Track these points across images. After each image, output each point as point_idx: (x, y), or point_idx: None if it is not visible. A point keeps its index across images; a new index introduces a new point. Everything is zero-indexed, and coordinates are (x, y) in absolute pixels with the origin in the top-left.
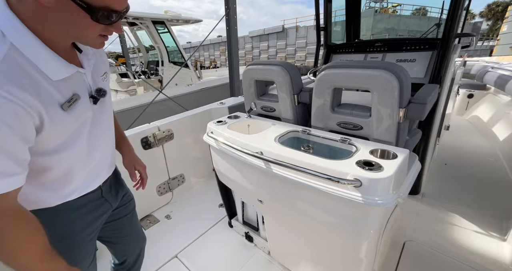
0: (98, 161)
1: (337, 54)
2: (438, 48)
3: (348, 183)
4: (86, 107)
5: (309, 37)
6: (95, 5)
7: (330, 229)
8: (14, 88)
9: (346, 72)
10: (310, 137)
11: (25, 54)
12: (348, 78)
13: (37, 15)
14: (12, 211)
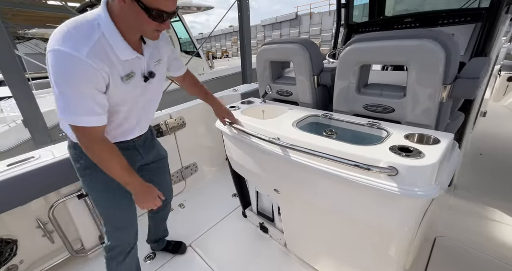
0: (136, 121)
1: (359, 33)
2: (483, 19)
3: (381, 171)
4: (138, 82)
5: (323, 24)
6: (150, 6)
7: (356, 222)
8: (97, 60)
9: (378, 45)
10: (332, 122)
11: (109, 40)
12: (380, 52)
13: (120, 12)
14: (100, 138)
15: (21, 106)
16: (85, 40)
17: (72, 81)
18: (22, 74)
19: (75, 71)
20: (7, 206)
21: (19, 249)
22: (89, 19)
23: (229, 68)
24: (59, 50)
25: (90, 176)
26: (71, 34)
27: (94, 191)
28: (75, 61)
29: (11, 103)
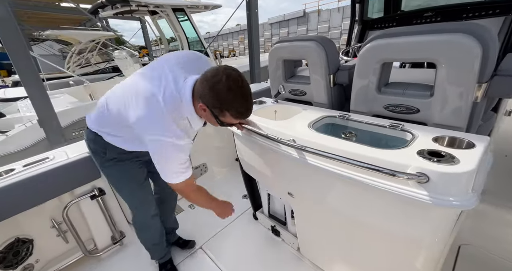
0: None
1: (374, 30)
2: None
3: (409, 177)
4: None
5: (332, 21)
6: (222, 121)
7: (378, 231)
8: (187, 138)
9: (403, 41)
10: (350, 123)
11: (190, 122)
12: (405, 48)
13: (200, 112)
14: (195, 186)
15: (36, 106)
16: (179, 135)
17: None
18: (37, 75)
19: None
20: (24, 206)
21: (35, 249)
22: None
23: (237, 67)
24: (162, 140)
25: (110, 167)
26: (170, 126)
27: (115, 179)
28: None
29: (27, 103)
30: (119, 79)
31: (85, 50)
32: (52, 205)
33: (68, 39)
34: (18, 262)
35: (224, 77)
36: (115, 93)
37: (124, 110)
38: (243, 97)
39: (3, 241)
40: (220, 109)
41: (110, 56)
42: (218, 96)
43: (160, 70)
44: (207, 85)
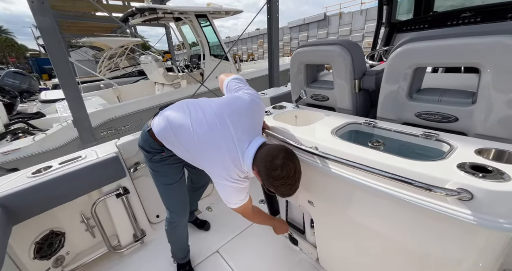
0: None
1: (402, 32)
2: None
3: (448, 193)
4: None
5: (354, 24)
6: (268, 190)
7: (406, 248)
8: (247, 182)
9: (441, 44)
10: (377, 131)
11: (249, 174)
12: (443, 52)
13: (255, 172)
14: (253, 209)
15: (71, 108)
16: (239, 180)
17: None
18: (74, 79)
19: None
20: (59, 201)
21: (66, 241)
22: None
23: (255, 71)
24: (226, 184)
25: (159, 163)
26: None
27: (161, 174)
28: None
29: (64, 104)
30: (144, 82)
31: (115, 55)
32: (82, 201)
33: (100, 45)
34: (52, 253)
35: (279, 165)
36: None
37: (196, 153)
38: (290, 186)
39: (40, 233)
40: (268, 185)
41: (137, 61)
42: (269, 178)
43: (227, 131)
44: (264, 166)
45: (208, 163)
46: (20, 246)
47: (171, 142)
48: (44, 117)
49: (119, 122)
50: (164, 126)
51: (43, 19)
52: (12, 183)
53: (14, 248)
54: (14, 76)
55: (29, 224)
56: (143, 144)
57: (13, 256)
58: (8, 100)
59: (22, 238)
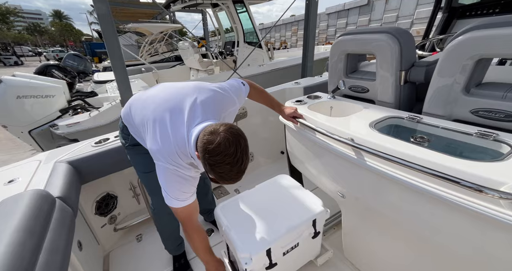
0: None
1: (465, 18)
2: None
3: (502, 196)
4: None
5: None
6: (212, 179)
7: (441, 250)
8: (194, 171)
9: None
10: (421, 127)
11: (195, 162)
12: None
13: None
14: (196, 224)
15: (120, 89)
16: (183, 165)
17: (176, 185)
18: (123, 62)
19: (179, 180)
20: (114, 169)
21: (118, 204)
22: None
23: (288, 60)
24: (167, 167)
25: (131, 152)
26: (176, 159)
27: (134, 163)
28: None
29: (113, 85)
30: (180, 68)
31: (155, 40)
32: (131, 172)
33: (143, 31)
34: (108, 212)
35: (217, 139)
36: (141, 105)
37: (143, 130)
38: (230, 166)
39: (99, 193)
40: (205, 167)
41: (174, 46)
42: (205, 156)
43: (180, 105)
44: (201, 141)
45: (150, 140)
46: (86, 203)
47: (130, 123)
48: (96, 96)
49: None
50: (126, 106)
51: (101, 6)
52: (81, 150)
53: (81, 203)
54: (73, 58)
55: (92, 186)
56: (120, 132)
57: (81, 209)
58: (69, 79)
59: (87, 196)
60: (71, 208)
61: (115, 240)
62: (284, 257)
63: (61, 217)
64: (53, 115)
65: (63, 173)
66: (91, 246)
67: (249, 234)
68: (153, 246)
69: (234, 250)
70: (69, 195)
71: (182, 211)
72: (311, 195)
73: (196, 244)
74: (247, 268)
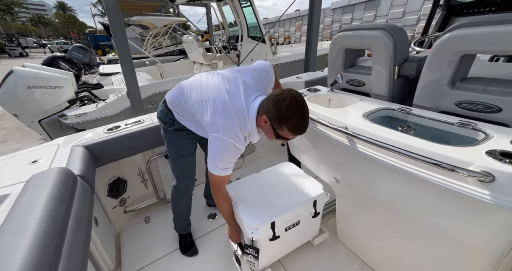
0: None
1: (463, 16)
2: None
3: (470, 174)
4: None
5: (409, 5)
6: (279, 134)
7: (426, 227)
8: (242, 145)
9: (494, 31)
10: (410, 117)
11: (250, 134)
12: (496, 39)
13: (261, 124)
14: (226, 191)
15: (127, 81)
16: (240, 139)
17: (226, 157)
18: (130, 55)
19: (230, 153)
20: (124, 154)
21: (127, 188)
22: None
23: (291, 55)
24: (225, 139)
25: (172, 134)
26: (236, 132)
27: (172, 145)
28: (233, 148)
29: (118, 77)
30: (184, 61)
31: (159, 34)
32: (140, 158)
33: (147, 24)
34: (118, 194)
35: (288, 97)
36: (198, 89)
37: (201, 109)
38: (302, 116)
39: (111, 177)
40: (280, 122)
41: (178, 40)
42: (280, 111)
43: (235, 86)
44: (273, 101)
45: (210, 116)
46: (99, 184)
47: (180, 107)
48: (102, 88)
49: (162, 97)
50: (175, 92)
51: None
52: (95, 136)
53: (96, 185)
54: (79, 50)
55: (105, 169)
56: (160, 115)
57: (95, 190)
58: (76, 71)
59: (101, 178)
60: (90, 186)
61: (125, 221)
62: (286, 232)
63: (82, 193)
64: (62, 105)
65: (80, 155)
66: (105, 223)
67: (255, 209)
68: (160, 227)
69: (241, 223)
70: (88, 174)
71: (221, 180)
72: (312, 180)
73: (224, 207)
74: (253, 237)
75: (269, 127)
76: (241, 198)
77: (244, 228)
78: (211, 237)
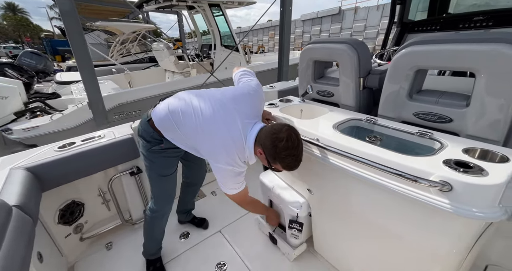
0: None
1: (414, 33)
2: None
3: (431, 184)
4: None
5: (369, 20)
6: (272, 166)
7: (394, 235)
8: (244, 167)
9: (441, 49)
10: (376, 128)
11: (248, 159)
12: (442, 56)
13: (257, 151)
14: (249, 199)
15: (87, 90)
16: (240, 165)
17: (233, 180)
18: (91, 62)
19: (235, 176)
20: (81, 174)
21: (85, 211)
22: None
23: (265, 64)
24: (227, 168)
25: (157, 154)
26: (236, 160)
27: (156, 165)
28: (236, 172)
29: (79, 86)
30: (154, 69)
31: (127, 40)
32: (100, 177)
33: (113, 30)
34: (73, 220)
35: (284, 137)
36: (191, 116)
37: (197, 137)
38: (295, 157)
39: (63, 201)
40: (274, 159)
41: (148, 47)
42: (275, 150)
43: (231, 116)
44: (270, 139)
45: (209, 147)
46: (47, 211)
47: (171, 130)
48: (59, 98)
49: (130, 107)
50: (164, 114)
51: (64, 1)
52: (42, 155)
53: (42, 212)
54: (31, 56)
55: (55, 193)
56: (143, 133)
57: (41, 218)
58: (26, 79)
59: (49, 204)
60: (30, 217)
61: (81, 250)
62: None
63: (18, 226)
64: (7, 118)
65: (20, 180)
66: (54, 257)
67: (290, 193)
68: (124, 253)
69: (283, 203)
70: (28, 203)
71: (240, 195)
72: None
73: (255, 210)
74: (298, 212)
75: (264, 158)
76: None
77: (289, 207)
78: (182, 259)
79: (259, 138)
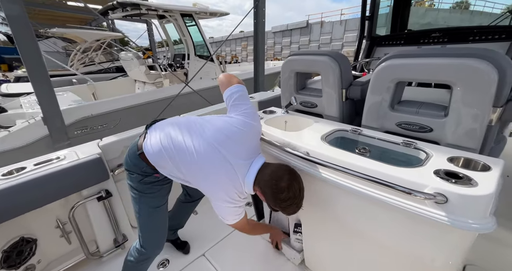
0: None
1: (381, 46)
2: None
3: (427, 197)
4: None
5: (334, 33)
6: (272, 208)
7: (388, 248)
8: (244, 201)
9: (419, 62)
10: (362, 138)
11: (247, 192)
12: (421, 69)
13: (257, 191)
14: (250, 224)
15: (42, 103)
16: (240, 200)
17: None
18: (46, 72)
19: (235, 210)
20: (32, 205)
21: (38, 249)
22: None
23: (240, 74)
24: (227, 205)
25: (142, 196)
26: (235, 198)
27: (144, 208)
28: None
29: (30, 99)
30: (122, 80)
31: (89, 49)
32: (59, 205)
33: (73, 38)
34: (21, 262)
35: (286, 187)
36: (184, 154)
37: (195, 176)
38: (296, 205)
39: (8, 240)
40: (275, 205)
41: (114, 56)
42: (276, 201)
43: (226, 160)
44: (270, 188)
45: (207, 187)
46: None
47: (166, 167)
48: (5, 113)
49: (95, 120)
50: (158, 150)
51: (13, 6)
52: None
53: None
54: None
55: None
56: (133, 167)
57: None
58: None
59: None
60: None
61: None
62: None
63: None
64: None
65: None
66: None
67: None
68: None
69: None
70: None
71: (241, 223)
72: None
73: (257, 232)
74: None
75: (264, 200)
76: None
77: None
78: (194, 268)
79: (257, 182)
